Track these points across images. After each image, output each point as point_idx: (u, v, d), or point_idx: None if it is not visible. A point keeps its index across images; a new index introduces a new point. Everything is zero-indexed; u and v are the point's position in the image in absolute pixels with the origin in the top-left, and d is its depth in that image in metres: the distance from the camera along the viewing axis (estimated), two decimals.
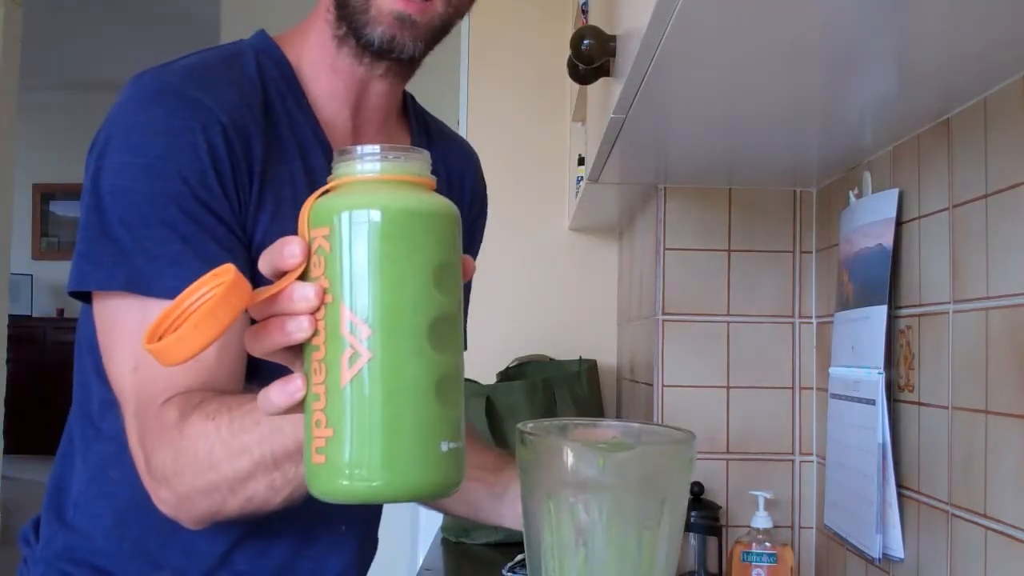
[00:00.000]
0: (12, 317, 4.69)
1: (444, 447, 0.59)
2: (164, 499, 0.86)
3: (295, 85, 1.02)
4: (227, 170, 0.91)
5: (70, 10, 6.26)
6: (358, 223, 0.59)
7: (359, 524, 1.13)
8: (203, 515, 0.85)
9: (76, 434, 1.02)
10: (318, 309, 0.59)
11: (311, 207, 0.61)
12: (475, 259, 1.25)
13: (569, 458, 0.72)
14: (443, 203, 0.61)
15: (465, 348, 1.23)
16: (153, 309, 0.87)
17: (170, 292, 0.87)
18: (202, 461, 0.81)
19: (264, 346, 0.61)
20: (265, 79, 0.99)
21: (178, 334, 0.56)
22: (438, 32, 1.01)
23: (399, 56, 1.00)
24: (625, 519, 0.71)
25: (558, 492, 0.71)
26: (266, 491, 0.80)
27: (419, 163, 0.62)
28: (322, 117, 1.03)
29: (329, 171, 0.63)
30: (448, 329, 0.60)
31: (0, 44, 3.99)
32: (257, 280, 0.93)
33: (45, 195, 8.51)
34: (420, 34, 0.99)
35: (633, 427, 0.81)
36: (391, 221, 0.59)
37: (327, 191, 0.62)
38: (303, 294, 0.59)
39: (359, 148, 0.61)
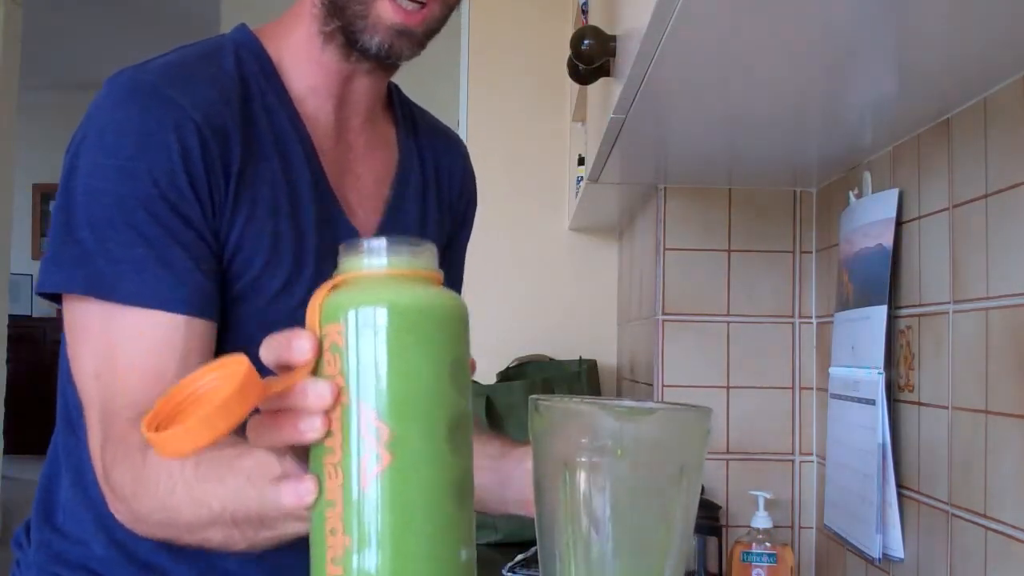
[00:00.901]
0: (12, 317, 4.69)
1: (463, 555, 0.57)
2: (119, 511, 0.85)
3: (275, 80, 1.00)
4: (200, 171, 0.90)
5: (70, 10, 6.26)
6: (378, 321, 0.56)
7: None
8: (158, 538, 0.85)
9: (59, 439, 1.01)
10: (333, 408, 0.55)
11: (323, 301, 0.58)
12: (465, 250, 1.25)
13: (586, 421, 0.68)
14: (455, 298, 0.59)
15: None
16: (115, 314, 0.86)
17: (130, 297, 0.86)
18: (161, 498, 0.79)
19: (270, 440, 0.57)
20: (244, 74, 0.98)
21: (185, 426, 0.52)
22: (434, 32, 1.01)
23: (394, 63, 1.01)
24: (643, 485, 0.68)
25: (574, 458, 0.67)
26: (224, 541, 0.77)
27: (429, 257, 0.60)
28: (304, 111, 1.01)
29: (336, 260, 0.60)
30: (464, 428, 0.58)
31: (0, 44, 3.99)
32: (226, 302, 0.92)
33: (45, 195, 8.51)
34: (417, 41, 0.99)
35: (648, 403, 0.80)
36: (411, 318, 0.56)
37: (337, 285, 0.59)
38: (318, 392, 0.55)
39: (368, 242, 0.58)
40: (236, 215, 0.93)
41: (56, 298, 0.92)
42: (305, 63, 1.02)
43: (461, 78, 2.40)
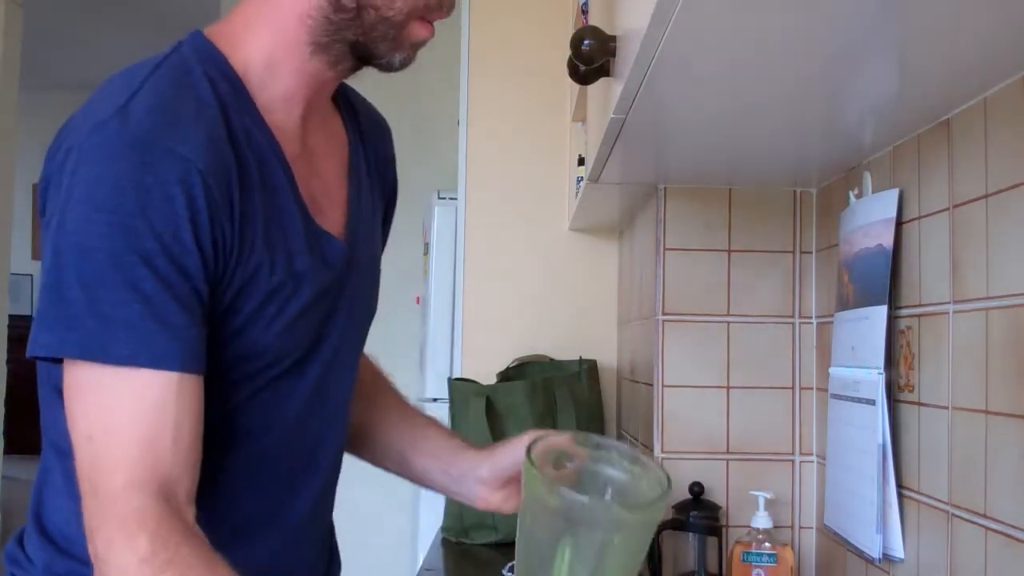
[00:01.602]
0: (12, 317, 4.69)
1: None
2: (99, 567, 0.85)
3: (245, 96, 0.97)
4: (205, 222, 0.88)
5: (70, 10, 6.26)
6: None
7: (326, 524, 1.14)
8: None
9: (54, 462, 0.99)
10: None
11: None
12: (387, 236, 1.23)
13: (582, 514, 0.89)
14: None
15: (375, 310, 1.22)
16: (107, 375, 0.85)
17: (124, 359, 0.84)
18: None
19: None
20: (220, 99, 0.95)
21: None
22: None
23: (400, 70, 1.03)
24: (624, 549, 0.91)
25: (565, 533, 0.90)
26: None
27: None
28: (271, 122, 0.99)
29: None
30: None
31: (0, 44, 3.99)
32: (213, 341, 0.91)
33: None
34: None
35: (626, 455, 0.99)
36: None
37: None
38: None
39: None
40: (243, 252, 0.92)
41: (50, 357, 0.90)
42: (282, 71, 0.99)
43: (461, 78, 2.40)
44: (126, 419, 0.85)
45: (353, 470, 1.21)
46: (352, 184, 1.09)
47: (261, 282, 0.94)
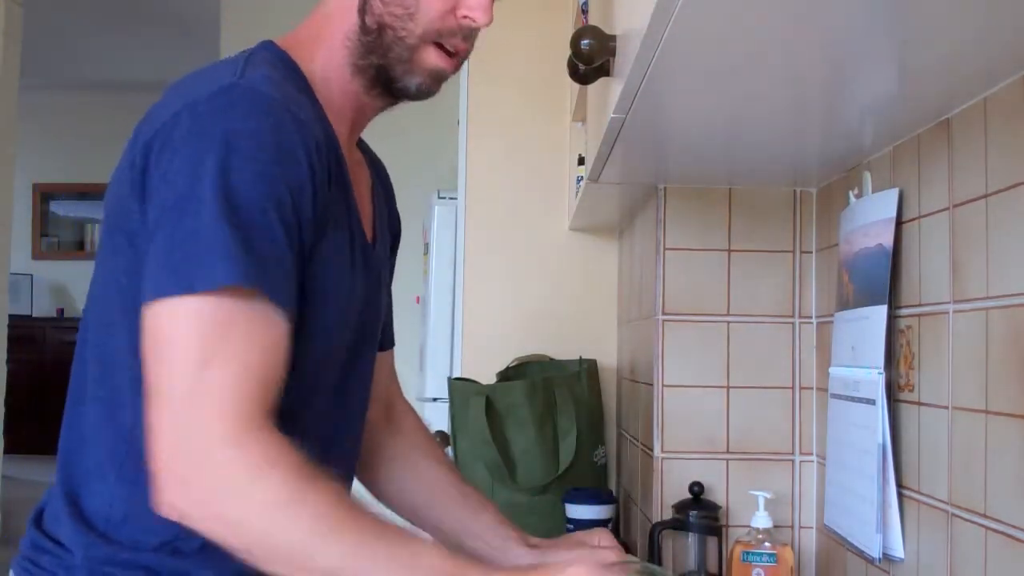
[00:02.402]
0: (12, 317, 4.69)
1: None
2: (174, 504, 0.85)
3: (317, 103, 1.03)
4: (317, 188, 0.93)
5: (70, 10, 6.26)
6: None
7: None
8: (207, 530, 0.86)
9: (97, 429, 0.98)
10: None
11: None
12: (394, 268, 1.28)
13: None
14: None
15: (393, 344, 1.28)
16: (235, 308, 0.86)
17: (271, 290, 0.87)
18: (295, 536, 0.84)
19: None
20: (305, 92, 1.02)
21: None
22: None
23: (420, 99, 1.08)
24: None
25: None
26: None
27: None
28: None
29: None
30: None
31: (0, 44, 3.99)
32: (300, 305, 0.93)
33: (45, 195, 8.51)
34: (444, 82, 1.07)
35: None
36: None
37: None
38: None
39: None
40: (326, 226, 0.97)
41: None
42: (333, 86, 1.05)
43: (461, 78, 2.40)
44: (261, 351, 0.87)
45: None
46: (375, 205, 1.17)
47: (334, 260, 0.99)
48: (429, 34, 1.03)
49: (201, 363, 0.85)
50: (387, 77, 1.04)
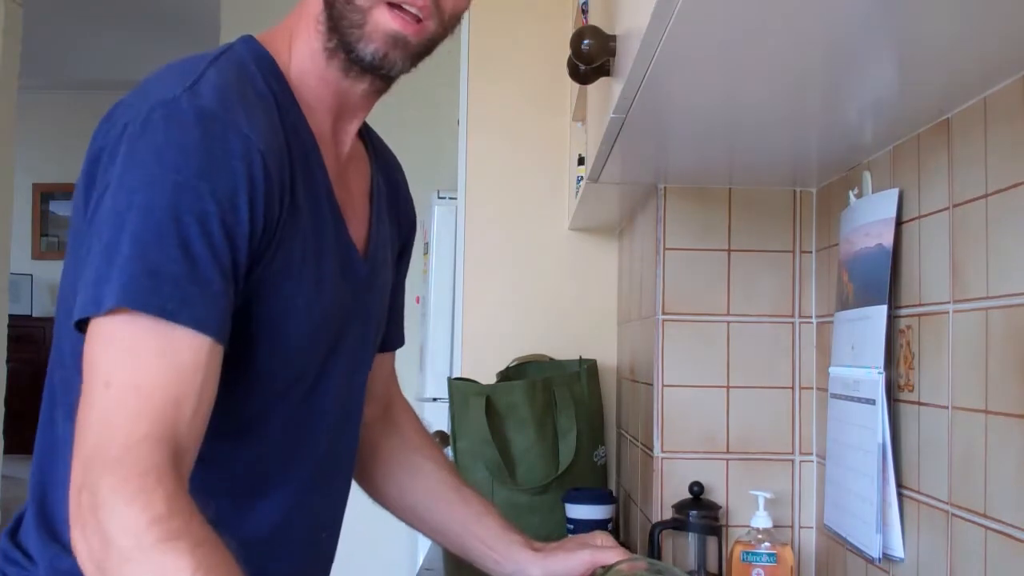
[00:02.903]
0: (12, 317, 4.68)
1: None
2: (79, 518, 0.80)
3: (291, 95, 1.01)
4: (260, 200, 0.90)
5: (70, 10, 6.25)
6: None
7: (333, 532, 1.13)
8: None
9: (61, 451, 0.95)
10: None
11: None
12: (406, 271, 1.27)
13: None
14: None
15: (403, 343, 1.26)
16: (143, 329, 0.83)
17: (168, 313, 0.83)
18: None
19: None
20: (273, 93, 0.98)
21: None
22: (426, 51, 1.02)
23: (387, 73, 1.01)
24: None
25: None
26: None
27: None
28: (311, 126, 1.02)
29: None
30: None
31: (0, 44, 3.99)
32: (235, 322, 0.91)
33: (45, 195, 8.51)
34: (411, 53, 1.00)
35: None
36: None
37: None
38: None
39: None
40: (285, 238, 0.94)
41: (82, 326, 0.88)
42: (311, 78, 1.02)
43: (461, 78, 2.40)
44: (157, 373, 0.83)
45: None
46: (374, 207, 1.13)
47: (294, 274, 0.95)
48: None
49: (104, 384, 0.83)
50: (348, 50, 0.99)
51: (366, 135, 1.17)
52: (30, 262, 8.42)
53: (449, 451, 1.99)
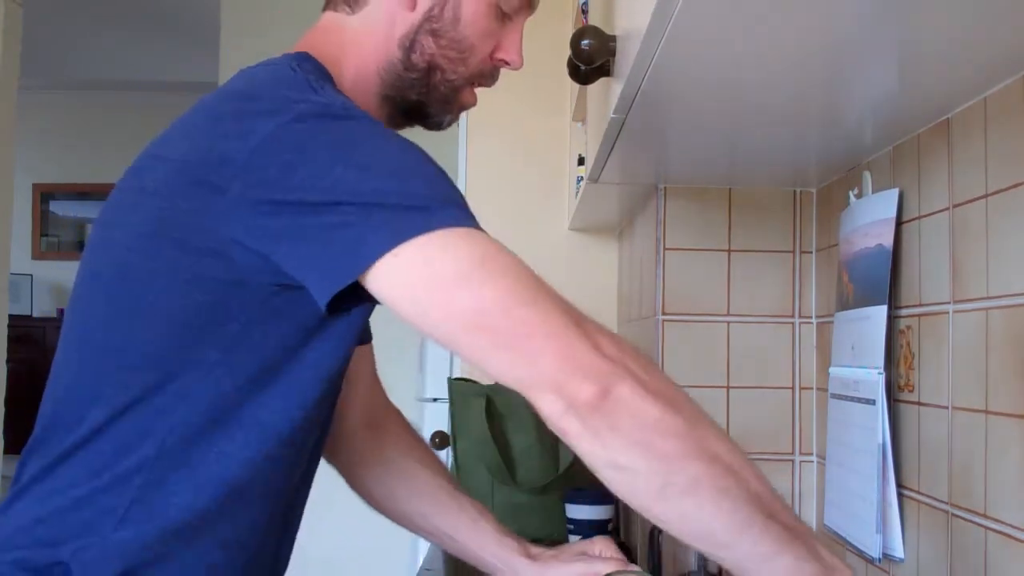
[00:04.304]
0: (12, 317, 4.68)
1: None
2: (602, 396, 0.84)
3: None
4: None
5: (70, 10, 6.26)
6: None
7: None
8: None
9: (136, 421, 0.92)
10: None
11: None
12: None
13: None
14: None
15: (370, 338, 1.26)
16: (475, 243, 0.90)
17: (472, 222, 0.89)
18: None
19: None
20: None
21: None
22: None
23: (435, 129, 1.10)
24: None
25: None
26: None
27: None
28: None
29: None
30: None
31: (0, 44, 3.99)
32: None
33: (45, 195, 8.50)
34: None
35: None
36: None
37: None
38: None
39: None
40: None
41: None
42: (360, 104, 1.03)
43: None
44: (527, 273, 0.92)
45: None
46: None
47: None
48: (473, 76, 1.06)
49: (503, 306, 0.89)
50: (422, 112, 1.06)
51: None
52: (30, 262, 8.42)
53: (449, 451, 1.99)
